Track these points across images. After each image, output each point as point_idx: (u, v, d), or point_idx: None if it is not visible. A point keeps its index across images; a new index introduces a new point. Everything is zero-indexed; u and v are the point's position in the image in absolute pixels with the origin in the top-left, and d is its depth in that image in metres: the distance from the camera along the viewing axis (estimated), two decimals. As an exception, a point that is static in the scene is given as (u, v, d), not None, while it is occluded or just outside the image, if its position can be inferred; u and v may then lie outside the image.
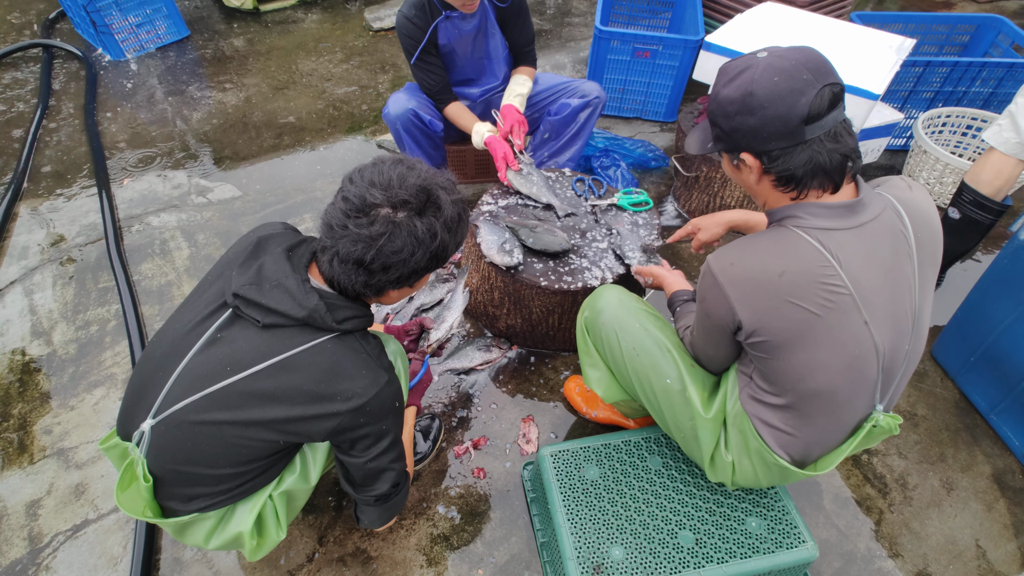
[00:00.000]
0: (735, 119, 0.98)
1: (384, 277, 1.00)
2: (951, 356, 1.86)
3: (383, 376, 1.02)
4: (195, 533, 1.09)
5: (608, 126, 2.95)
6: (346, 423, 1.00)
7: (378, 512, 1.17)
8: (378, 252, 0.95)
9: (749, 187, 1.07)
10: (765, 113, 0.94)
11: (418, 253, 0.98)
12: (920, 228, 1.03)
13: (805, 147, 0.95)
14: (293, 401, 0.97)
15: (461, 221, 1.04)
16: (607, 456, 1.45)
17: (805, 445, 1.11)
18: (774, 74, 0.93)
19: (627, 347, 1.32)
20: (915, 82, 2.56)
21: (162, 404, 1.00)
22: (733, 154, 1.04)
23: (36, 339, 1.95)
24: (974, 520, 1.55)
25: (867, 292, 0.98)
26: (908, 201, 1.05)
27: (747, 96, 0.95)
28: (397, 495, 1.17)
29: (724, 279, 1.02)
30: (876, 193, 1.03)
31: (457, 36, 1.94)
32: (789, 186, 0.99)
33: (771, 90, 0.93)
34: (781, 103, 0.92)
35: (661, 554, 1.28)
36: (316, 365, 0.98)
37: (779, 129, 0.94)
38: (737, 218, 1.51)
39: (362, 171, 1.00)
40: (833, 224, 0.98)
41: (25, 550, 1.45)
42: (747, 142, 0.99)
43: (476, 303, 1.94)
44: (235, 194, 2.54)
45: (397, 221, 0.96)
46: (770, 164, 0.98)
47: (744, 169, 1.03)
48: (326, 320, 0.99)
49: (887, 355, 1.03)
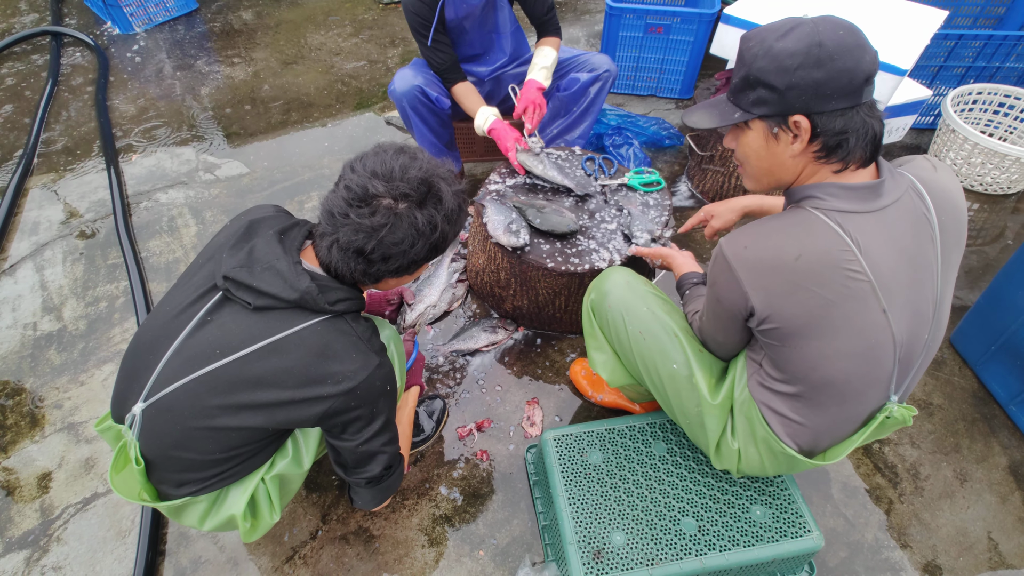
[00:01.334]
0: (796, 73, 0.88)
1: (383, 267, 1.00)
2: (971, 344, 1.80)
3: (374, 359, 1.01)
4: (189, 515, 1.10)
5: (622, 103, 2.87)
6: (337, 406, 0.98)
7: (371, 494, 1.17)
8: (379, 242, 0.96)
9: (779, 163, 0.98)
10: (834, 65, 0.87)
11: (418, 244, 0.99)
12: (944, 211, 0.98)
13: (858, 111, 0.90)
14: (283, 384, 0.96)
15: (461, 212, 1.06)
16: (611, 441, 1.43)
17: (814, 435, 1.08)
18: (838, 28, 0.88)
19: (633, 330, 1.29)
20: (946, 57, 2.44)
21: (152, 387, 0.99)
22: (777, 119, 0.93)
23: (47, 314, 1.97)
24: (987, 512, 1.52)
25: (887, 279, 0.93)
26: (932, 182, 0.99)
27: (815, 47, 0.87)
28: (390, 477, 1.16)
29: (737, 263, 0.97)
30: (898, 174, 0.98)
31: (466, 10, 1.88)
32: (835, 156, 0.92)
33: (840, 42, 0.87)
34: (850, 56, 0.86)
35: (663, 540, 1.26)
36: (306, 347, 0.97)
37: (845, 85, 0.87)
38: (751, 203, 1.45)
39: (364, 159, 0.99)
40: (853, 206, 0.93)
41: (37, 521, 1.49)
42: (805, 101, 0.89)
43: (482, 284, 1.92)
44: (243, 171, 2.52)
45: (399, 212, 0.96)
46: (825, 127, 0.90)
47: (783, 139, 0.94)
48: (317, 302, 0.98)
49: (905, 345, 0.98)
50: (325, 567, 1.41)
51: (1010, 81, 2.51)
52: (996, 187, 2.37)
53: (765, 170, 1.01)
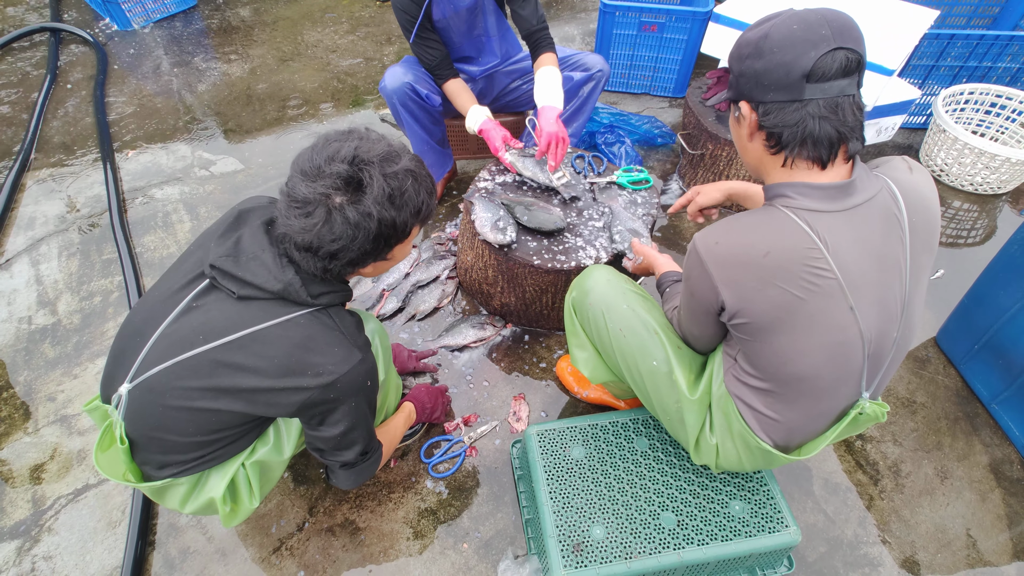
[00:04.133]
0: (745, 62, 0.94)
1: (336, 263, 0.99)
2: (955, 344, 1.81)
3: (356, 354, 1.02)
4: (171, 498, 1.12)
5: (615, 102, 2.88)
6: (315, 398, 1.00)
7: (346, 475, 1.19)
8: (320, 240, 0.95)
9: (744, 147, 1.04)
10: (772, 58, 0.90)
11: (359, 237, 0.96)
12: (916, 212, 0.99)
13: (801, 107, 0.91)
14: (263, 373, 0.98)
15: (404, 193, 0.99)
16: (593, 436, 1.45)
17: (788, 430, 1.10)
18: (795, 22, 0.90)
19: (614, 328, 1.31)
20: (938, 56, 2.45)
21: (138, 369, 1.02)
22: (735, 104, 1.00)
23: (42, 308, 1.99)
24: (966, 509, 1.53)
25: (854, 277, 0.95)
26: (906, 183, 1.00)
27: (762, 39, 0.92)
28: (365, 462, 1.19)
29: (708, 258, 0.99)
30: (873, 175, 0.99)
31: (452, 12, 1.89)
32: (777, 148, 0.96)
33: (786, 36, 0.89)
34: (790, 50, 0.89)
35: (642, 534, 1.28)
36: (288, 339, 0.99)
37: (780, 78, 0.90)
38: (737, 188, 1.47)
39: (299, 158, 0.98)
40: (823, 206, 0.94)
41: (28, 512, 1.51)
42: (749, 89, 0.95)
43: (471, 281, 1.93)
44: (237, 167, 2.54)
45: (330, 208, 0.94)
46: (763, 118, 0.94)
47: (742, 123, 1.00)
48: (300, 294, 1.00)
49: (873, 342, 1.00)
50: (311, 558, 1.43)
51: (1002, 81, 2.51)
52: (986, 187, 2.38)
53: (742, 154, 1.06)
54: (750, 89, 0.95)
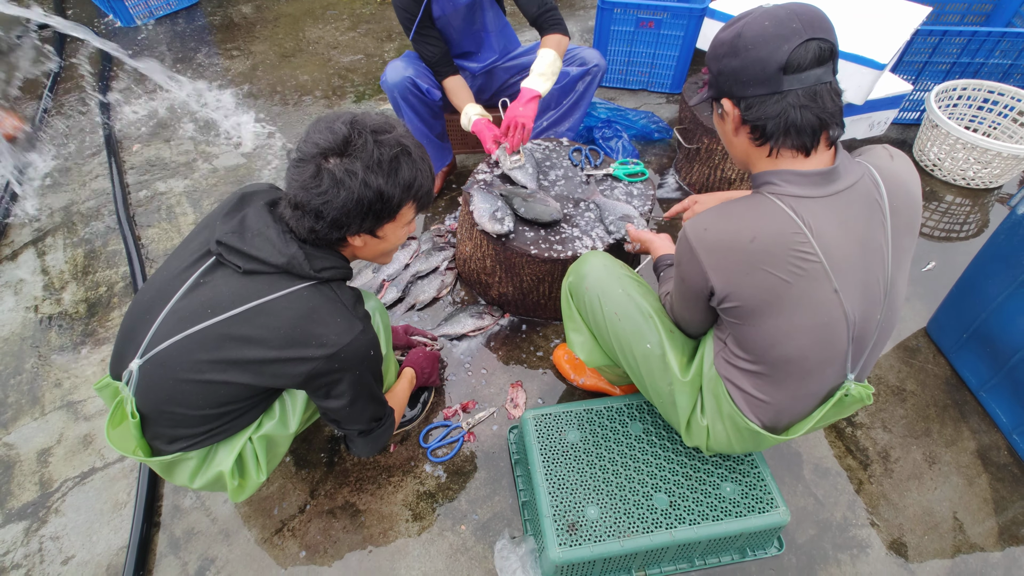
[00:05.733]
0: (722, 61, 0.99)
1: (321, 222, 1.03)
2: (945, 333, 1.85)
3: (358, 324, 1.06)
4: (180, 473, 1.16)
5: (613, 97, 2.91)
6: (320, 368, 1.04)
7: (364, 443, 1.25)
8: (308, 195, 1.00)
9: (730, 142, 1.07)
10: (748, 55, 0.94)
11: (343, 194, 1.00)
12: (897, 197, 1.03)
13: (781, 98, 0.95)
14: (269, 344, 1.02)
15: (393, 161, 1.03)
16: (589, 421, 1.48)
17: (776, 411, 1.13)
18: (766, 19, 0.94)
19: (609, 312, 1.34)
20: (931, 52, 2.48)
21: (148, 344, 1.06)
22: (718, 102, 1.04)
23: (48, 298, 2.02)
24: (953, 493, 1.57)
25: (838, 260, 0.98)
26: (887, 170, 1.04)
27: (736, 38, 0.96)
28: (380, 428, 1.25)
29: (698, 244, 1.03)
30: (855, 162, 1.03)
31: (452, 8, 1.92)
32: (762, 139, 0.99)
33: (759, 32, 0.93)
34: (764, 46, 0.93)
35: (635, 514, 1.32)
36: (292, 310, 1.03)
37: (758, 73, 0.94)
38: (734, 197, 1.50)
39: (308, 128, 1.05)
40: (807, 192, 0.98)
41: (36, 494, 1.55)
42: (729, 86, 0.99)
43: (470, 271, 1.97)
44: (240, 161, 2.57)
45: (319, 165, 1.00)
46: (746, 112, 0.98)
47: (726, 119, 1.04)
48: (304, 267, 1.04)
49: (857, 324, 1.03)
50: (313, 539, 1.46)
51: (995, 77, 2.54)
52: (979, 181, 2.41)
53: (729, 148, 1.09)
54: (730, 86, 0.99)
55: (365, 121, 1.03)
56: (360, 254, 1.16)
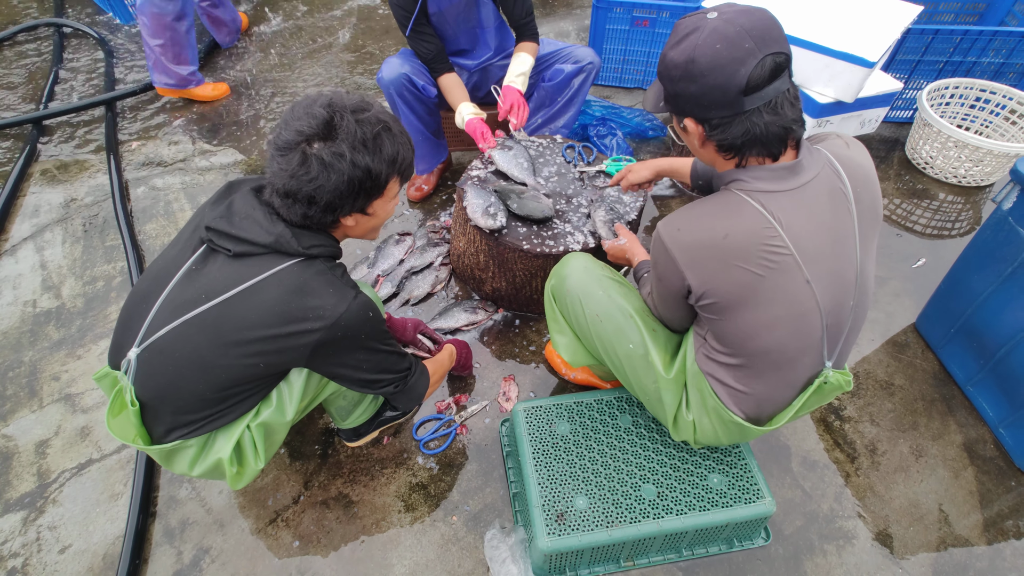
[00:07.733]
0: (678, 84, 0.98)
1: (315, 208, 1.05)
2: (933, 328, 1.87)
3: (350, 292, 1.09)
4: (180, 461, 1.18)
5: (609, 96, 2.93)
6: (325, 338, 1.06)
7: (403, 397, 1.31)
8: (298, 183, 1.02)
9: (697, 151, 1.09)
10: (705, 81, 0.94)
11: (333, 178, 1.02)
12: (859, 184, 1.05)
13: (744, 118, 0.95)
14: (267, 322, 1.04)
15: (377, 138, 1.05)
16: (579, 413, 1.50)
17: (758, 401, 1.15)
18: (717, 41, 0.92)
19: (591, 313, 1.36)
20: (922, 51, 2.50)
21: (146, 333, 1.08)
22: (679, 117, 1.05)
23: (46, 292, 2.05)
24: (939, 486, 1.59)
25: (809, 251, 1.00)
26: (846, 158, 1.06)
27: (689, 63, 0.95)
28: (412, 377, 1.30)
29: (672, 244, 1.05)
30: (815, 151, 1.05)
31: (448, 4, 1.94)
32: (730, 154, 1.01)
33: (712, 58, 0.92)
34: (721, 72, 0.92)
35: (623, 505, 1.34)
36: (284, 286, 1.05)
37: (718, 99, 0.95)
38: (664, 165, 1.57)
39: (285, 112, 1.07)
40: (774, 186, 1.00)
41: (34, 484, 1.57)
42: (690, 108, 1.00)
43: (464, 267, 1.99)
44: (237, 158, 2.59)
45: (305, 152, 1.01)
46: (711, 132, 1.00)
47: (690, 134, 1.05)
48: (291, 244, 1.06)
49: (831, 312, 1.06)
50: (306, 529, 1.49)
51: (987, 76, 2.56)
52: (970, 179, 2.43)
53: (695, 154, 1.12)
54: (691, 108, 1.00)
55: (343, 102, 1.04)
56: (351, 233, 1.19)
